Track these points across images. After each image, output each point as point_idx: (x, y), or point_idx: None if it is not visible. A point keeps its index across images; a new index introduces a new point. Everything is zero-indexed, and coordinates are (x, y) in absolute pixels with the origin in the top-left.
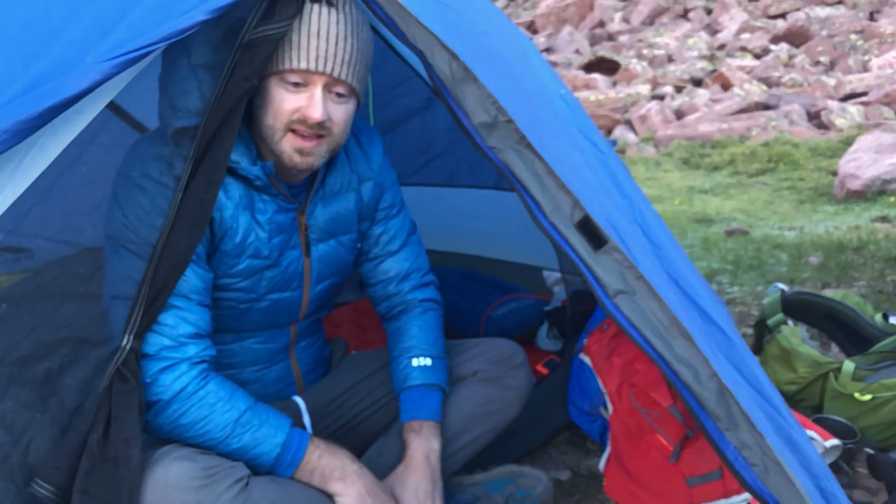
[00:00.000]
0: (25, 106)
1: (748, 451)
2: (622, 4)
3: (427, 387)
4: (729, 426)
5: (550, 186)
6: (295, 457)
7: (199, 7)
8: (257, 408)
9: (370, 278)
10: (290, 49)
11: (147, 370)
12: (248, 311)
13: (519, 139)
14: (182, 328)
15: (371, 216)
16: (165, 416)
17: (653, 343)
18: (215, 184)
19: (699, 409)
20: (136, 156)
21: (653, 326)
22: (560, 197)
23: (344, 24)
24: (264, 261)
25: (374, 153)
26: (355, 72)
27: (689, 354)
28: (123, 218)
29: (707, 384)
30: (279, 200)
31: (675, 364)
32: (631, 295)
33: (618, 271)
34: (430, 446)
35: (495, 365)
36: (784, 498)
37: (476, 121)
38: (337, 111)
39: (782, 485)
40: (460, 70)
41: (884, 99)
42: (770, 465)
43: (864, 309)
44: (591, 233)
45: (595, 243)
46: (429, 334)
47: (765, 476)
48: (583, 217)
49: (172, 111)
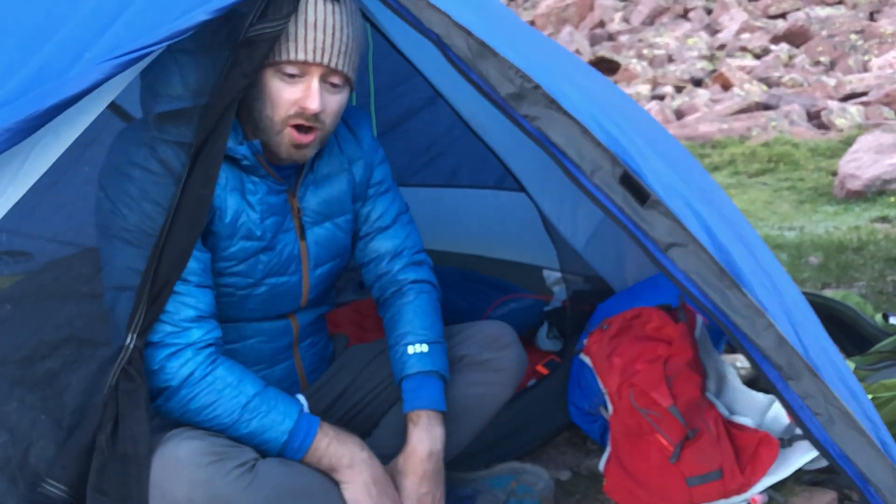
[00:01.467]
0: (27, 105)
1: (812, 400)
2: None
3: (424, 374)
4: (791, 375)
5: (588, 147)
6: (303, 443)
7: (202, 7)
8: (266, 393)
9: (362, 258)
10: (286, 40)
11: (153, 357)
12: (247, 298)
13: (549, 103)
14: (183, 312)
15: (363, 195)
16: (175, 402)
17: (709, 295)
18: (212, 178)
19: (761, 360)
20: (119, 145)
21: (707, 278)
22: (598, 155)
23: (340, 14)
24: (258, 242)
25: (363, 134)
26: (351, 61)
27: (744, 304)
28: (112, 207)
29: (765, 334)
30: (269, 181)
31: (733, 315)
32: (683, 247)
33: (667, 224)
34: (432, 435)
35: (482, 348)
36: (849, 448)
37: (504, 93)
38: (331, 101)
39: (848, 434)
40: (477, 46)
41: (884, 99)
42: (836, 413)
43: (864, 309)
44: (635, 188)
45: (640, 198)
46: (424, 318)
47: (830, 425)
48: (623, 172)
49: (153, 96)
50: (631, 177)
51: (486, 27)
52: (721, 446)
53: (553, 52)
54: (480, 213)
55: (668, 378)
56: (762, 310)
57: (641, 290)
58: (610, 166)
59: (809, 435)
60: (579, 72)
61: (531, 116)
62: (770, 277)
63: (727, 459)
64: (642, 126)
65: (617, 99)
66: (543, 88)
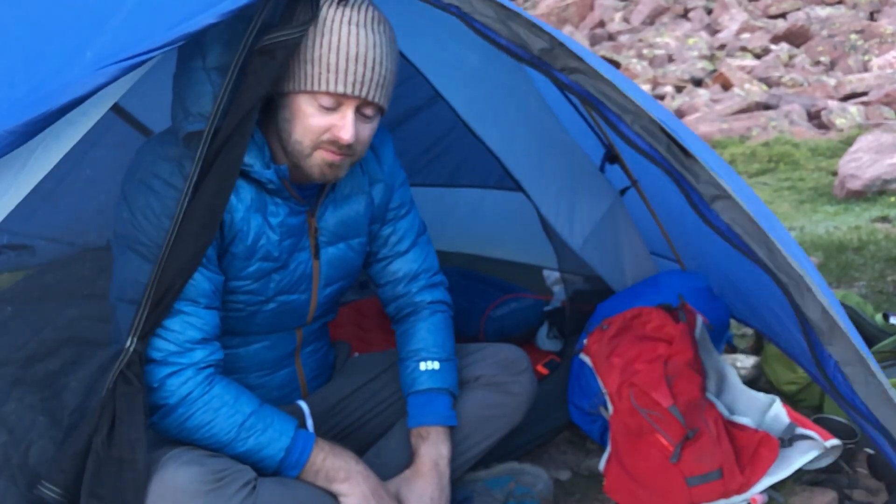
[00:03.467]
0: (30, 107)
1: (849, 367)
2: (622, 4)
3: (435, 391)
4: (831, 340)
5: (623, 100)
6: (300, 459)
7: (208, 11)
8: (262, 411)
9: (379, 279)
10: (326, 71)
11: (154, 375)
12: (255, 314)
13: (577, 59)
14: (189, 333)
15: (381, 218)
16: (171, 420)
17: (754, 249)
18: (226, 190)
19: (803, 320)
20: (146, 156)
21: (751, 232)
22: (636, 108)
23: (381, 48)
24: (274, 263)
25: (385, 155)
26: (386, 92)
27: (786, 264)
28: (132, 219)
29: (807, 295)
30: (291, 203)
31: (777, 272)
32: (727, 199)
33: (710, 177)
34: (439, 452)
35: (499, 370)
36: (881, 413)
37: (536, 48)
38: (364, 130)
39: (881, 401)
40: (503, 10)
41: (884, 99)
42: (871, 381)
43: (865, 309)
44: (674, 140)
45: (683, 150)
46: (437, 336)
47: (865, 390)
48: (661, 125)
49: (185, 114)
50: (668, 131)
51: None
52: (721, 446)
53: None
54: (480, 213)
55: (668, 378)
56: (803, 273)
57: (641, 290)
58: (648, 118)
59: (840, 397)
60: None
61: (569, 68)
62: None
63: (727, 459)
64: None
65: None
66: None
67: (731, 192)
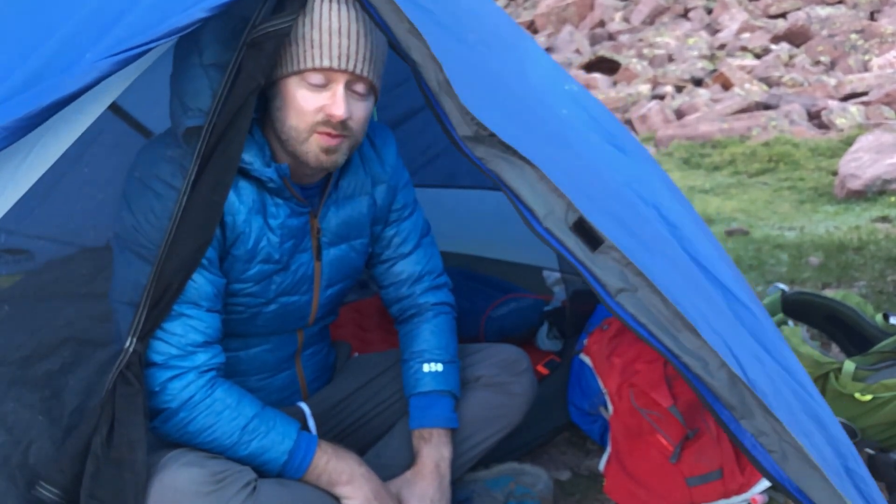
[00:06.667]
0: (25, 103)
1: (765, 438)
2: (622, 4)
3: (437, 393)
4: (744, 414)
5: (542, 191)
6: (303, 462)
7: (199, 5)
8: (265, 414)
9: (382, 280)
10: (310, 47)
11: (155, 379)
12: (256, 315)
13: (504, 149)
14: (190, 336)
15: (384, 219)
16: (173, 424)
17: (659, 337)
18: (225, 185)
19: (713, 400)
20: (147, 157)
21: (657, 321)
22: (553, 200)
23: (363, 21)
24: (275, 265)
25: (387, 154)
26: (375, 68)
27: (696, 346)
28: (133, 220)
29: (717, 374)
30: (292, 204)
31: (684, 356)
32: (633, 292)
33: (617, 270)
34: (441, 454)
35: (499, 370)
36: (804, 483)
37: (461, 134)
38: (357, 109)
39: (802, 469)
40: (444, 83)
41: (884, 99)
42: (789, 450)
43: (865, 309)
44: (587, 234)
45: (591, 244)
46: (440, 338)
47: (784, 462)
48: (577, 219)
49: (183, 110)
50: (585, 222)
51: (465, 57)
52: (721, 446)
53: (541, 69)
54: (480, 213)
55: (668, 378)
56: (715, 351)
57: None
58: (563, 212)
59: (763, 470)
60: (560, 87)
61: (485, 159)
62: (730, 291)
63: (727, 459)
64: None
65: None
66: (500, 136)
67: (642, 280)
